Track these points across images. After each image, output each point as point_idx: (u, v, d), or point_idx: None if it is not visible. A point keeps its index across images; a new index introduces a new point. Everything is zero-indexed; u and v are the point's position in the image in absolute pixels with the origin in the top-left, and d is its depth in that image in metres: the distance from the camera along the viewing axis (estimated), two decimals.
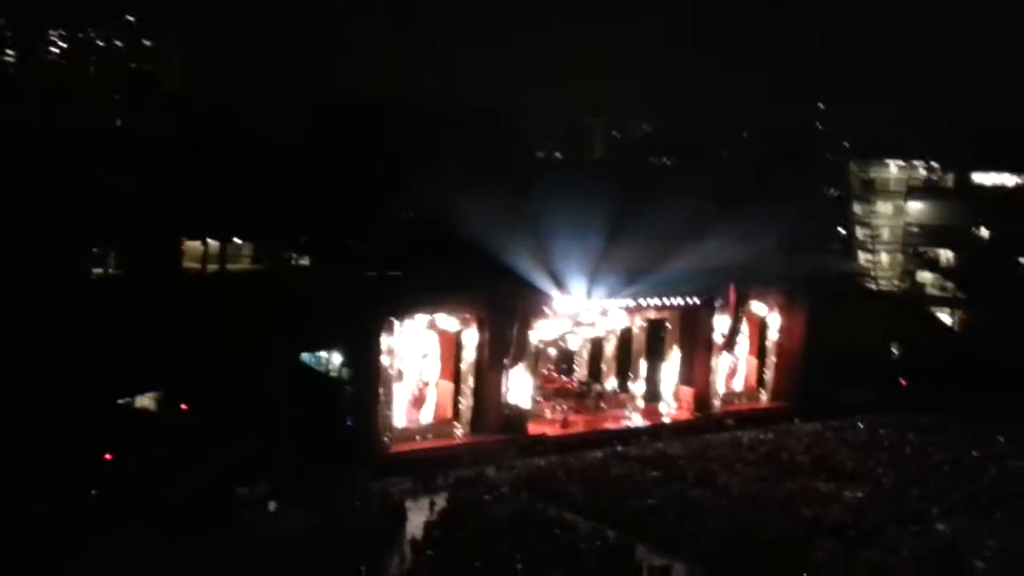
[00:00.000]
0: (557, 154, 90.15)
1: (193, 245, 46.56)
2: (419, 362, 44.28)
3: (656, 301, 49.65)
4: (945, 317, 65.63)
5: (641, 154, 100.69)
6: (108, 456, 33.92)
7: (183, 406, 38.99)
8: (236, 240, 47.96)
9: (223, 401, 37.89)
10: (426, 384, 44.41)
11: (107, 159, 44.35)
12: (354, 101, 65.30)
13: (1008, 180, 66.90)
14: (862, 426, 48.51)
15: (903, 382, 55.59)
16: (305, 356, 43.49)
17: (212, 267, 46.11)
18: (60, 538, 28.66)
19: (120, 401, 39.05)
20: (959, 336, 63.81)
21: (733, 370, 53.95)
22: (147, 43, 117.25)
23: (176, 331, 38.12)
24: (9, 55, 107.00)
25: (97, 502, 32.12)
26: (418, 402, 44.10)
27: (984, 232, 67.09)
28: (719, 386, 52.15)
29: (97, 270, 43.58)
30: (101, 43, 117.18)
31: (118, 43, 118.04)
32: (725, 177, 78.16)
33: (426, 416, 44.18)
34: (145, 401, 40.13)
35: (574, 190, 54.38)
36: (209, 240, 46.76)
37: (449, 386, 44.73)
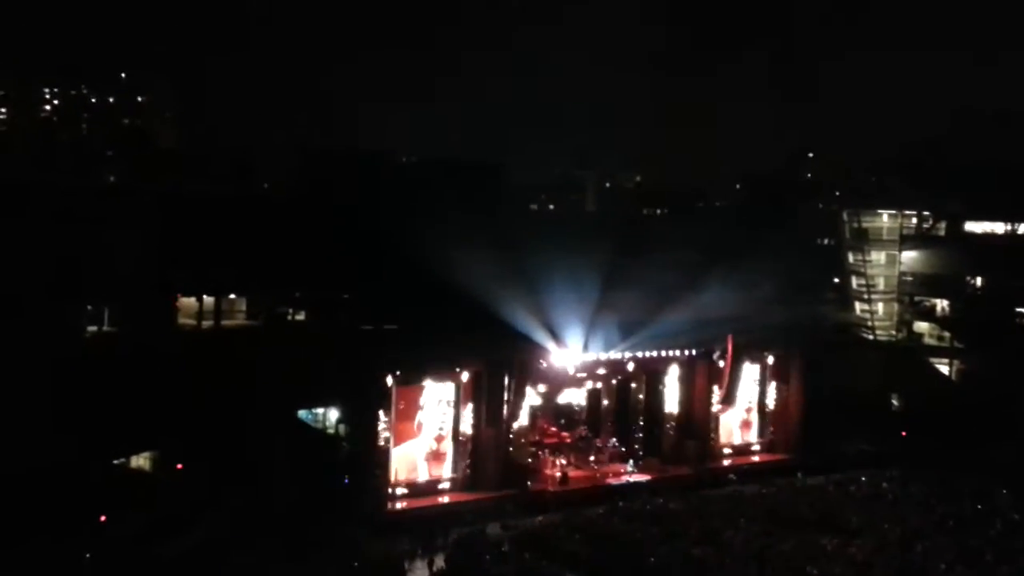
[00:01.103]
0: (551, 207, 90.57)
1: (188, 301, 46.17)
2: (416, 418, 43.90)
3: (653, 353, 49.45)
4: (943, 367, 65.42)
5: (633, 205, 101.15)
6: (102, 517, 33.29)
7: (178, 466, 38.40)
8: (231, 296, 47.58)
9: (219, 459, 37.33)
10: (424, 440, 44.00)
11: (100, 215, 44.12)
12: (348, 154, 65.45)
13: (998, 228, 67.11)
14: (864, 480, 48.04)
15: (904, 433, 55.21)
16: (302, 413, 42.96)
17: (207, 323, 45.67)
18: None
19: (115, 461, 38.44)
20: (957, 386, 63.55)
21: (733, 422, 53.63)
22: (140, 99, 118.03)
23: (171, 388, 37.65)
24: (1, 112, 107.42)
25: (91, 563, 31.47)
26: (416, 459, 43.60)
27: (978, 281, 67.20)
28: (720, 439, 51.78)
29: (92, 327, 43.14)
30: (94, 100, 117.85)
31: (110, 99, 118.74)
32: (718, 227, 78.40)
33: (424, 473, 43.65)
34: (140, 461, 39.53)
35: (568, 242, 54.40)
36: (204, 296, 46.39)
37: (447, 442, 44.28)
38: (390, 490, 41.34)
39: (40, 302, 38.22)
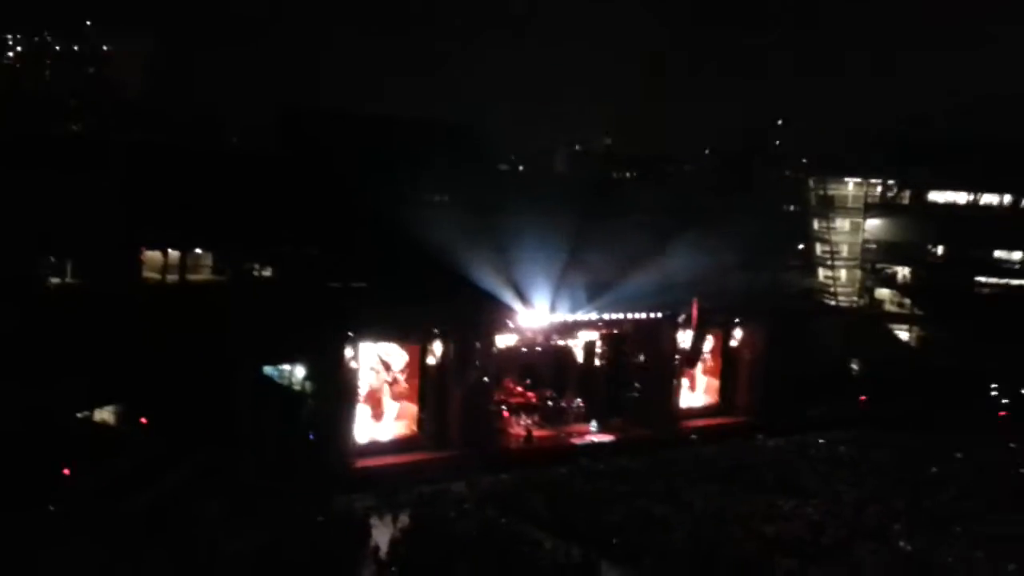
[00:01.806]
0: (520, 168, 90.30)
1: (153, 255, 45.80)
2: (382, 376, 44.09)
3: (619, 316, 49.85)
4: (903, 333, 66.51)
5: (603, 168, 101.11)
6: (66, 470, 33.22)
7: (142, 419, 38.31)
8: (197, 250, 47.24)
9: (183, 414, 37.28)
10: (389, 398, 44.24)
11: (64, 164, 43.54)
12: (319, 108, 64.87)
13: (960, 198, 68.00)
14: (823, 442, 48.91)
15: (862, 398, 56.19)
16: (267, 369, 42.94)
17: (172, 278, 45.37)
18: (16, 553, 28.01)
19: (78, 415, 38.28)
20: (916, 352, 64.70)
21: (696, 385, 54.34)
22: (107, 48, 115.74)
23: (136, 343, 37.47)
24: None
25: (54, 516, 31.46)
26: (381, 416, 43.85)
27: (939, 249, 68.22)
28: (682, 401, 52.45)
29: (55, 279, 42.75)
30: (58, 48, 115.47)
31: (75, 47, 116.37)
32: (686, 192, 78.71)
33: (389, 431, 43.92)
34: (104, 414, 39.38)
35: (537, 204, 54.44)
36: (169, 250, 46.03)
37: (413, 400, 44.54)
38: (355, 447, 41.48)
39: (1, 252, 37.80)
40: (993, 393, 57.83)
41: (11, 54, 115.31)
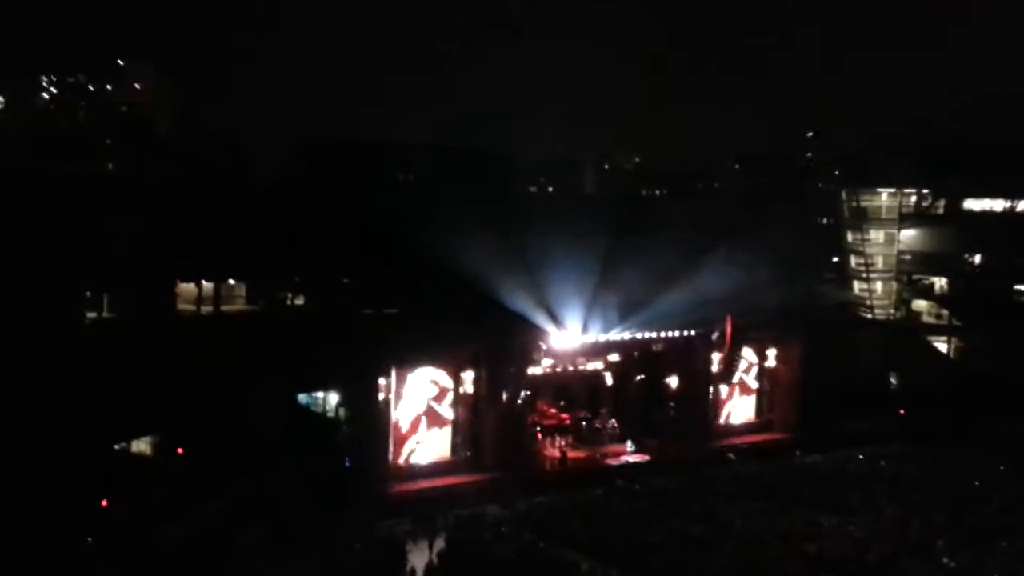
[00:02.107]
0: (549, 188, 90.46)
1: (187, 287, 46.32)
2: (417, 401, 44.15)
3: (652, 335, 49.62)
4: (941, 345, 65.55)
5: (632, 186, 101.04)
6: (104, 502, 33.50)
7: (179, 450, 38.63)
8: (230, 281, 47.71)
9: (220, 444, 37.52)
10: (424, 423, 44.26)
11: (100, 202, 44.21)
12: (347, 138, 65.49)
13: (996, 205, 67.09)
14: (862, 457, 48.25)
15: (902, 412, 55.40)
16: (302, 397, 43.16)
17: (206, 309, 45.82)
18: None
19: (116, 446, 38.66)
20: (955, 364, 63.72)
21: (732, 403, 53.87)
22: (138, 86, 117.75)
23: (171, 374, 37.83)
24: None
25: (93, 547, 31.70)
26: (416, 441, 43.86)
27: (976, 258, 67.25)
28: (718, 419, 52.04)
29: (91, 314, 43.32)
30: (91, 87, 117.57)
31: (108, 87, 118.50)
32: (717, 208, 78.37)
33: (424, 455, 43.92)
34: (141, 445, 39.75)
35: (567, 225, 54.41)
36: (203, 282, 46.54)
37: (447, 425, 44.55)
38: (391, 473, 41.51)
39: (40, 288, 38.35)
40: None
41: (45, 95, 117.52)
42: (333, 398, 43.46)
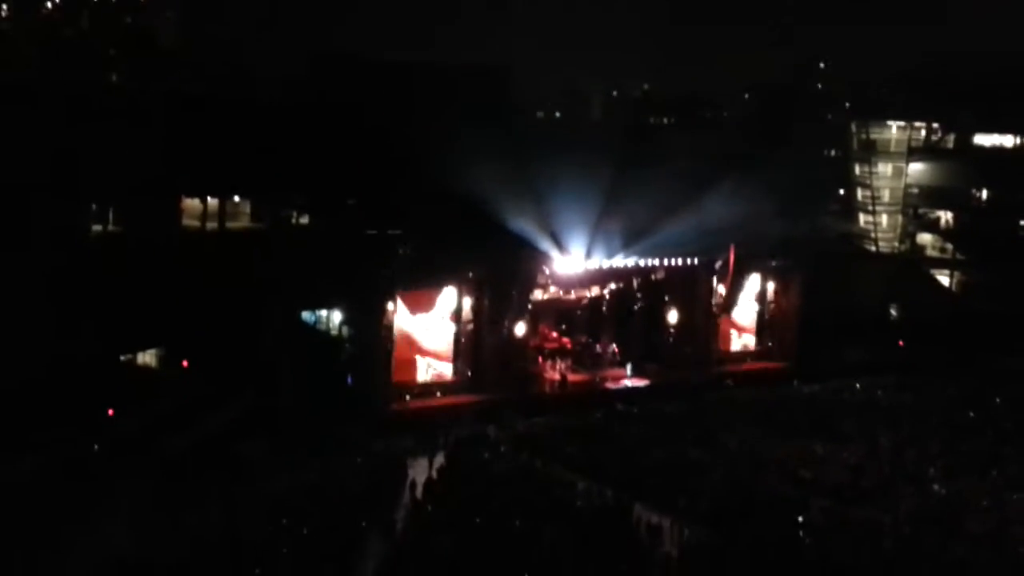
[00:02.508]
0: (556, 114, 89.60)
1: (192, 203, 46.33)
2: (419, 321, 44.46)
3: (655, 262, 49.74)
4: (943, 279, 65.73)
5: (639, 114, 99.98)
6: (110, 412, 34.05)
7: (184, 363, 39.07)
8: (235, 198, 47.70)
9: (224, 358, 37.97)
10: (425, 343, 44.64)
11: (104, 114, 43.97)
12: (353, 54, 64.63)
13: (1007, 141, 66.63)
14: (860, 387, 48.72)
15: (901, 343, 55.76)
16: (305, 314, 43.48)
17: (211, 225, 45.91)
18: (62, 492, 28.84)
19: (122, 357, 39.11)
20: (957, 298, 63.96)
21: (733, 330, 54.21)
22: None
23: (177, 288, 38.10)
24: (3, 10, 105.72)
25: (99, 456, 32.30)
26: (418, 361, 44.28)
27: (983, 194, 67.06)
28: (718, 346, 52.42)
29: (96, 227, 43.43)
30: None
31: None
32: (724, 137, 77.79)
33: (425, 375, 44.37)
34: (147, 358, 40.21)
35: (573, 151, 54.08)
36: (208, 198, 46.52)
37: (449, 345, 44.91)
38: (392, 391, 42.01)
39: (44, 200, 38.41)
40: None
41: (49, 4, 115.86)
42: (336, 317, 43.76)
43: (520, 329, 45.75)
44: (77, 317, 35.36)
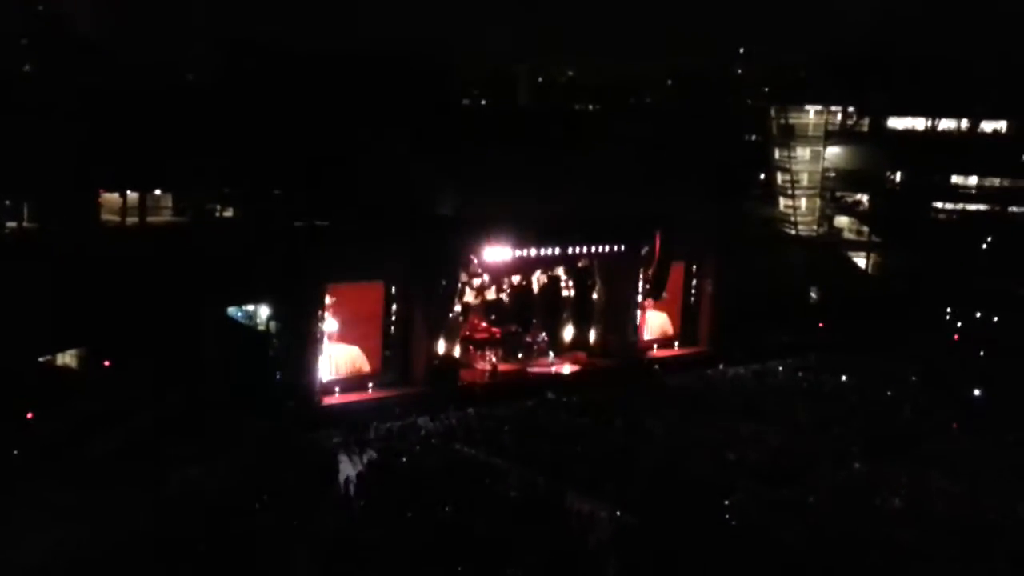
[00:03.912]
0: (483, 101, 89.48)
1: (111, 197, 45.34)
2: (347, 314, 44.21)
3: (582, 249, 50.23)
4: (861, 261, 67.53)
5: (565, 99, 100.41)
6: (29, 415, 33.30)
7: (106, 362, 38.32)
8: (156, 192, 46.82)
9: (148, 356, 37.34)
10: (354, 336, 44.43)
11: (14, 107, 42.81)
12: (277, 47, 63.71)
13: (919, 124, 68.55)
14: (782, 369, 49.90)
15: (821, 325, 57.19)
16: (232, 310, 42.92)
17: (132, 220, 45.01)
18: None
19: (41, 359, 38.19)
20: (873, 279, 65.78)
21: (658, 316, 55.01)
22: None
23: (97, 286, 37.29)
24: None
25: (19, 461, 31.61)
26: (346, 355, 44.07)
27: (897, 176, 68.96)
28: (645, 333, 53.17)
29: (10, 223, 42.30)
30: None
31: None
32: (648, 123, 78.55)
33: (355, 368, 44.18)
34: (67, 358, 39.33)
35: (500, 138, 54.20)
36: (127, 191, 45.57)
37: (378, 337, 44.78)
38: (321, 386, 41.77)
39: None
40: (947, 316, 59.07)
41: None
42: (264, 311, 43.29)
43: (449, 319, 45.80)
44: None
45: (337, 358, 43.33)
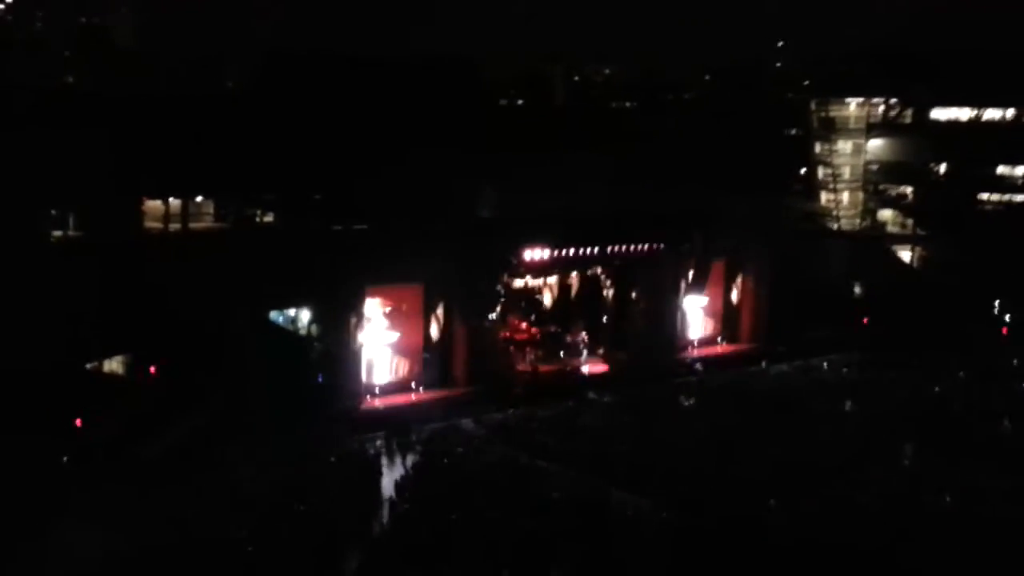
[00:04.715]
0: (519, 101, 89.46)
1: (154, 204, 45.82)
2: (389, 317, 44.38)
3: (622, 248, 49.96)
4: (905, 254, 66.53)
5: (602, 98, 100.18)
6: (78, 422, 33.73)
7: (152, 368, 38.73)
8: (198, 198, 47.23)
9: (192, 362, 37.68)
10: (397, 339, 44.58)
11: (61, 117, 43.38)
12: (316, 49, 64.19)
13: (962, 115, 67.42)
14: (826, 366, 49.30)
15: (865, 320, 56.43)
16: (273, 314, 43.25)
17: (174, 226, 45.45)
18: (35, 504, 28.60)
19: (88, 365, 38.70)
20: (919, 272, 64.77)
21: (700, 314, 54.60)
22: None
23: (142, 293, 37.72)
24: None
25: (69, 467, 32.01)
26: (389, 357, 44.23)
27: (941, 168, 67.87)
28: (687, 330, 52.80)
29: (56, 232, 42.89)
30: None
31: None
32: (688, 119, 78.01)
33: (397, 371, 44.34)
34: (113, 365, 39.81)
35: (538, 138, 54.04)
36: (170, 198, 46.03)
37: (419, 340, 44.88)
38: (364, 388, 41.95)
39: (3, 207, 37.88)
40: (995, 310, 58.01)
41: (2, 5, 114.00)
42: (305, 315, 43.57)
43: (490, 320, 45.80)
44: (40, 325, 34.95)
45: (378, 361, 43.48)
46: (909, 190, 68.23)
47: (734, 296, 55.57)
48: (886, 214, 69.03)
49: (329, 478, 33.10)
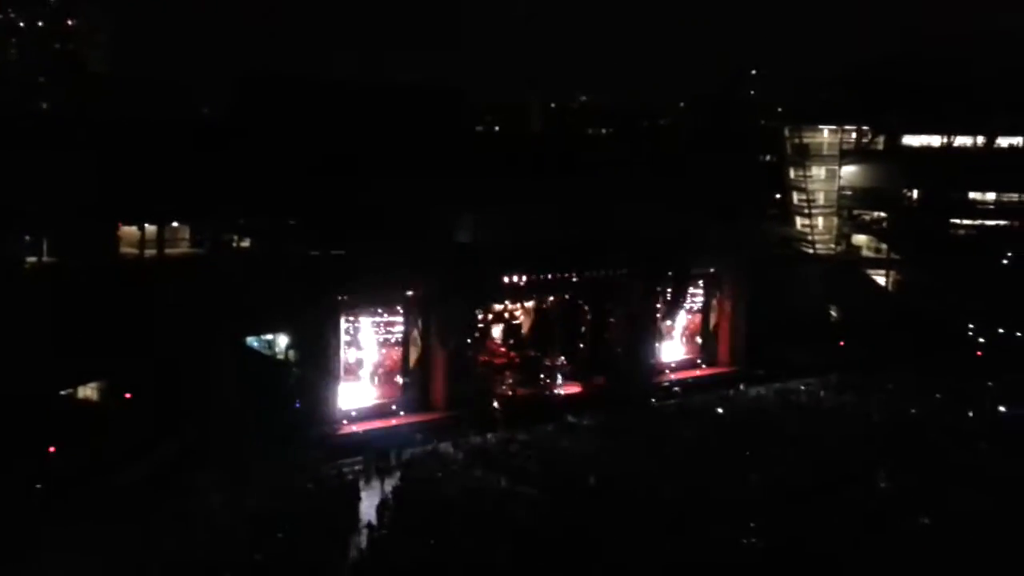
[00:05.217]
0: (496, 128, 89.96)
1: (129, 230, 45.55)
2: (365, 341, 44.22)
3: (599, 272, 50.09)
4: (880, 278, 67.12)
5: (578, 125, 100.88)
6: (51, 449, 33.28)
7: (127, 395, 38.34)
8: (174, 224, 47.00)
9: (168, 388, 37.33)
10: (373, 363, 44.40)
11: (35, 143, 43.13)
12: (288, 76, 64.16)
13: (934, 141, 68.34)
14: (803, 388, 49.51)
15: (842, 343, 56.77)
16: (251, 339, 42.97)
17: (150, 252, 45.18)
18: (7, 531, 28.18)
19: (62, 392, 38.24)
20: (894, 296, 65.33)
21: (678, 338, 54.75)
22: (70, 23, 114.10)
23: (117, 319, 37.39)
24: None
25: (43, 495, 31.55)
26: (366, 382, 44.02)
27: (914, 193, 68.69)
28: (665, 354, 52.88)
29: (31, 258, 42.52)
30: (22, 24, 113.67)
31: (39, 23, 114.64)
32: (663, 146, 78.69)
33: (375, 396, 44.10)
34: (87, 391, 39.37)
35: (514, 165, 54.23)
36: (145, 224, 45.78)
37: (397, 365, 44.71)
38: (341, 414, 41.67)
39: None
40: (970, 333, 58.55)
41: None
42: (282, 340, 43.32)
43: (468, 344, 45.70)
44: (13, 352, 34.54)
45: (356, 386, 43.26)
46: (883, 215, 68.93)
47: (712, 320, 55.75)
48: (861, 239, 69.75)
49: (306, 504, 32.74)
